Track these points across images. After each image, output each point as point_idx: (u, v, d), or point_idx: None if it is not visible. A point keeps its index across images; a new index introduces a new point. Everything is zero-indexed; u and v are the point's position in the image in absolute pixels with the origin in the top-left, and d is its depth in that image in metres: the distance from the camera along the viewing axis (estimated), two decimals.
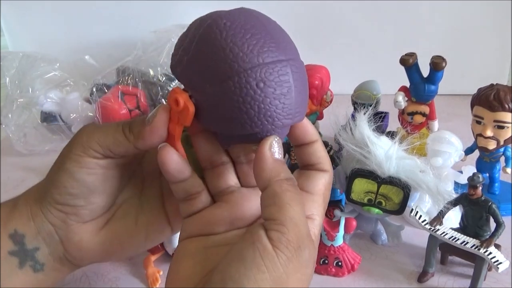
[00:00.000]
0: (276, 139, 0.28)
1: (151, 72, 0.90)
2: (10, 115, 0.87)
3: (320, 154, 0.31)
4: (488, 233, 0.49)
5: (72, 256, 0.34)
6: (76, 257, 0.34)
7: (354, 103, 0.78)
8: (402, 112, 0.73)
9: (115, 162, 0.32)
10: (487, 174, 0.66)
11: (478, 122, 0.61)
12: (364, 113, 0.52)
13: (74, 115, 0.86)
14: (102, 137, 0.31)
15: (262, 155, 0.27)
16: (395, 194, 0.51)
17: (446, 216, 0.51)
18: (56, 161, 0.33)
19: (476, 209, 0.49)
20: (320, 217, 0.29)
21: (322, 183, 0.30)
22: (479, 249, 0.48)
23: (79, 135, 0.32)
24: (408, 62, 0.67)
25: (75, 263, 0.34)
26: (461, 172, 0.62)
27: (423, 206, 0.57)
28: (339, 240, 0.53)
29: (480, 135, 0.61)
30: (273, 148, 0.27)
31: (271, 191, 0.26)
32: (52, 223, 0.32)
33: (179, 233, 0.32)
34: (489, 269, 0.50)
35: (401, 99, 0.71)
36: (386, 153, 0.50)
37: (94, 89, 0.88)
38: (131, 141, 0.30)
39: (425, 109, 0.71)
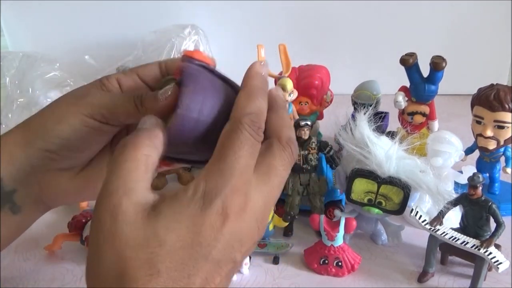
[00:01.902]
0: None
1: None
2: (10, 115, 0.87)
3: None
4: (488, 233, 0.49)
5: (48, 198, 0.35)
6: (51, 199, 0.35)
7: (354, 103, 0.78)
8: (402, 112, 0.73)
9: (111, 128, 0.34)
10: (487, 174, 0.66)
11: (478, 122, 0.61)
12: (364, 113, 0.52)
13: None
14: (111, 105, 0.32)
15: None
16: (395, 194, 0.51)
17: (446, 216, 0.51)
18: (52, 108, 0.33)
19: (476, 209, 0.49)
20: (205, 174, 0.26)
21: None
22: (479, 249, 0.48)
23: (88, 95, 0.33)
24: (408, 62, 0.67)
25: (49, 204, 0.36)
26: (461, 172, 0.62)
27: (423, 206, 0.57)
28: (339, 240, 0.53)
29: (480, 135, 0.61)
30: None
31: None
32: (32, 167, 0.33)
33: None
34: (489, 269, 0.50)
35: (401, 99, 0.71)
36: (386, 153, 0.50)
37: None
38: (142, 113, 0.30)
39: (425, 109, 0.71)
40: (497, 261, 0.46)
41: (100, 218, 0.23)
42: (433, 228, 0.51)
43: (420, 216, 0.52)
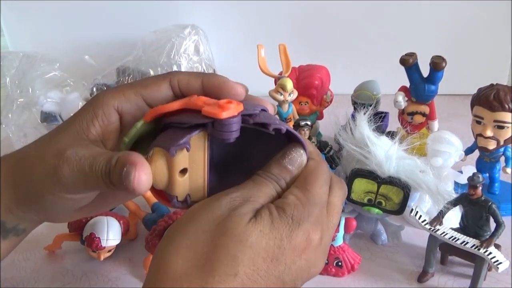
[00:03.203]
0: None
1: (151, 72, 0.90)
2: (10, 115, 0.87)
3: None
4: (488, 233, 0.49)
5: (53, 221, 0.34)
6: (57, 221, 0.35)
7: (354, 103, 0.78)
8: (402, 112, 0.73)
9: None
10: (487, 174, 0.66)
11: (478, 122, 0.61)
12: (364, 113, 0.52)
13: None
14: (82, 180, 0.28)
15: None
16: (395, 194, 0.51)
17: (446, 216, 0.51)
18: (30, 180, 0.29)
19: (476, 209, 0.49)
20: (296, 195, 0.27)
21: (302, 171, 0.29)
22: (479, 249, 0.48)
23: (59, 167, 0.28)
24: (408, 62, 0.67)
25: (54, 222, 0.35)
26: (461, 172, 0.62)
27: (423, 206, 0.57)
28: (339, 240, 0.53)
29: (480, 135, 0.61)
30: None
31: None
32: (34, 213, 0.32)
33: None
34: (489, 269, 0.50)
35: (401, 99, 0.71)
36: (386, 153, 0.50)
37: (94, 89, 0.88)
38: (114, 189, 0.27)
39: (425, 109, 0.71)
40: (497, 261, 0.46)
41: (214, 211, 0.25)
42: (433, 228, 0.51)
43: (420, 216, 0.52)
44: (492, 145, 0.61)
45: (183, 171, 0.27)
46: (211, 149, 0.28)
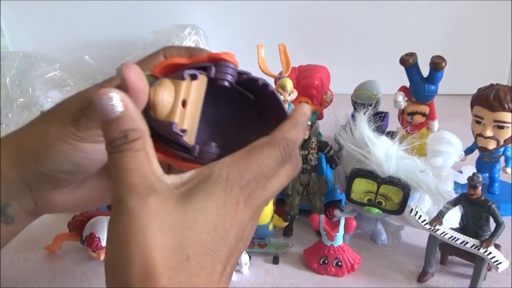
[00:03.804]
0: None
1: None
2: (10, 115, 0.87)
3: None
4: (488, 233, 0.49)
5: (43, 210, 0.34)
6: (47, 210, 0.34)
7: (354, 103, 0.78)
8: (402, 112, 0.73)
9: None
10: (487, 174, 0.66)
11: (478, 122, 0.61)
12: (364, 113, 0.52)
13: None
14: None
15: None
16: (395, 194, 0.51)
17: (446, 216, 0.51)
18: (43, 127, 0.31)
19: (476, 209, 0.49)
20: (234, 160, 0.27)
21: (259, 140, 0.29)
22: (479, 249, 0.48)
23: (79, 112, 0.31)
24: (408, 62, 0.67)
25: (45, 213, 0.35)
26: (461, 172, 0.62)
27: (423, 206, 0.57)
28: (339, 240, 0.53)
29: (480, 135, 0.61)
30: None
31: None
32: (26, 184, 0.32)
33: None
34: (489, 269, 0.50)
35: (401, 99, 0.71)
36: (386, 153, 0.50)
37: None
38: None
39: (425, 109, 0.71)
40: (497, 261, 0.46)
41: (125, 218, 0.23)
42: (433, 228, 0.51)
43: (420, 216, 0.52)
44: (492, 145, 0.61)
45: (183, 104, 0.28)
46: (206, 103, 0.29)
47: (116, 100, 0.24)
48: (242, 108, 0.32)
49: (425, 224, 0.51)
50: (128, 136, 0.24)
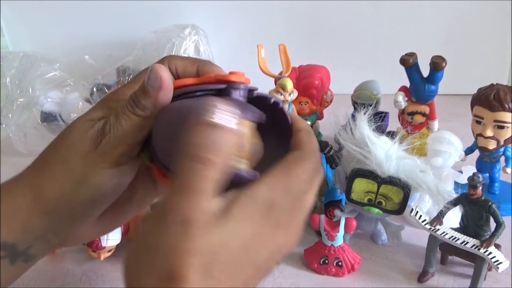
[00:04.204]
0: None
1: None
2: (10, 115, 0.87)
3: (298, 139, 0.30)
4: (488, 233, 0.49)
5: (65, 245, 0.35)
6: (69, 245, 0.35)
7: (354, 103, 0.78)
8: (402, 112, 0.73)
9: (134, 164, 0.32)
10: (487, 174, 0.66)
11: (478, 122, 0.61)
12: (364, 113, 0.52)
13: (74, 115, 0.86)
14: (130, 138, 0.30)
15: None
16: (395, 194, 0.51)
17: (446, 216, 0.51)
18: (66, 161, 0.30)
19: (476, 209, 0.49)
20: (274, 180, 0.26)
21: (290, 155, 0.28)
22: (479, 249, 0.48)
23: (103, 135, 0.30)
24: (408, 62, 0.67)
25: (67, 246, 0.36)
26: (461, 172, 0.62)
27: (423, 206, 0.57)
28: (339, 240, 0.53)
29: (480, 135, 0.61)
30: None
31: None
32: (53, 230, 0.32)
33: None
34: (489, 269, 0.50)
35: (401, 99, 0.71)
36: (386, 153, 0.50)
37: (94, 89, 0.88)
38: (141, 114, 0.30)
39: (425, 109, 0.71)
40: (497, 261, 0.46)
41: (165, 228, 0.23)
42: (433, 228, 0.51)
43: (420, 216, 0.52)
44: (492, 145, 0.61)
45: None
46: None
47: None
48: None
49: (425, 224, 0.51)
50: (211, 153, 0.24)
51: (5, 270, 0.31)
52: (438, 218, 0.51)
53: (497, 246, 0.49)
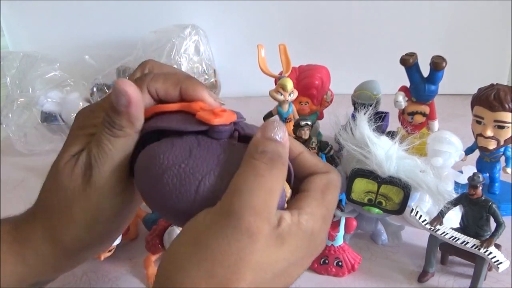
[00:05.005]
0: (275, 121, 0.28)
1: None
2: (10, 115, 0.87)
3: (311, 162, 0.30)
4: (488, 233, 0.49)
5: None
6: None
7: (354, 103, 0.78)
8: (402, 112, 0.73)
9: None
10: (487, 174, 0.66)
11: (478, 122, 0.61)
12: (365, 113, 0.52)
13: (74, 115, 0.86)
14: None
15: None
16: (395, 194, 0.51)
17: (446, 216, 0.51)
18: (71, 198, 0.30)
19: (476, 209, 0.49)
20: (315, 209, 0.27)
21: (319, 181, 0.29)
22: (479, 249, 0.48)
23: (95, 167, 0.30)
24: (408, 62, 0.67)
25: None
26: (461, 172, 0.62)
27: (423, 206, 0.57)
28: (339, 240, 0.53)
29: (480, 135, 0.61)
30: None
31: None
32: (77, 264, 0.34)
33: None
34: (489, 269, 0.50)
35: (401, 99, 0.71)
36: (387, 153, 0.50)
37: (94, 89, 0.88)
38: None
39: (425, 109, 0.71)
40: (497, 261, 0.46)
41: (231, 243, 0.24)
42: (433, 228, 0.51)
43: (420, 216, 0.52)
44: (492, 145, 0.61)
45: None
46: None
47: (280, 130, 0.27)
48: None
49: (425, 224, 0.51)
50: (281, 156, 0.26)
51: None
52: (438, 218, 0.51)
53: (497, 246, 0.49)
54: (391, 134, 0.58)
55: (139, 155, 0.28)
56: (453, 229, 0.51)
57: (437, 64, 0.65)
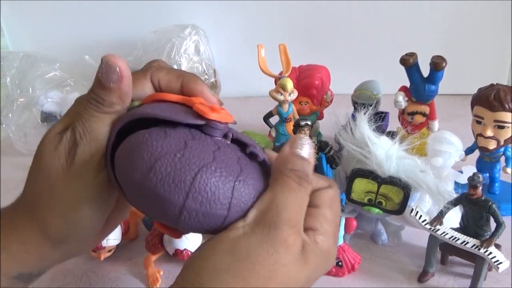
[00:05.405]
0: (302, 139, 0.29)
1: None
2: (10, 115, 0.87)
3: (315, 179, 0.31)
4: (488, 233, 0.49)
5: (76, 256, 0.35)
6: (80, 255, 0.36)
7: (355, 103, 0.78)
8: (402, 112, 0.73)
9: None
10: (487, 174, 0.66)
11: (478, 122, 0.61)
12: (365, 113, 0.52)
13: None
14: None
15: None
16: (395, 194, 0.51)
17: (446, 216, 0.51)
18: (58, 188, 0.29)
19: (476, 209, 0.49)
20: (327, 228, 0.28)
21: (325, 197, 0.30)
22: (479, 249, 0.48)
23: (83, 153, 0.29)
24: (408, 62, 0.67)
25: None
26: (461, 172, 0.62)
27: (423, 206, 0.57)
28: (339, 240, 0.53)
29: (480, 135, 0.61)
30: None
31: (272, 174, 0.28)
32: (65, 254, 0.32)
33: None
34: (489, 269, 0.50)
35: (401, 99, 0.71)
36: (387, 153, 0.50)
37: None
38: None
39: (425, 109, 0.71)
40: (497, 261, 0.46)
41: (269, 255, 0.25)
42: (433, 228, 0.51)
43: (420, 216, 0.52)
44: (492, 145, 0.61)
45: None
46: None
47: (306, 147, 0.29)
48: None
49: (425, 224, 0.51)
50: (308, 175, 0.28)
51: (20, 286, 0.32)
52: (438, 218, 0.51)
53: (497, 246, 0.49)
54: (391, 134, 0.59)
55: (123, 141, 0.27)
56: (453, 229, 0.51)
57: (437, 64, 0.65)
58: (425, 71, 0.68)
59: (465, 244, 0.49)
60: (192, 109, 0.28)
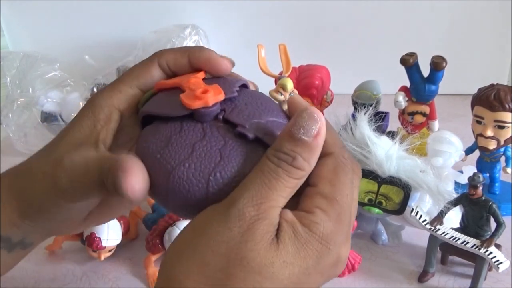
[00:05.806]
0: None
1: None
2: (10, 115, 0.87)
3: None
4: (489, 233, 0.49)
5: (61, 234, 0.36)
6: (64, 233, 0.36)
7: (355, 103, 0.78)
8: (402, 112, 0.73)
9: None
10: (488, 174, 0.66)
11: (479, 122, 0.61)
12: (365, 113, 0.52)
13: (74, 115, 0.86)
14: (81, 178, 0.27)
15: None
16: (396, 194, 0.51)
17: (446, 216, 0.51)
18: (34, 178, 0.29)
19: (477, 209, 0.49)
20: (326, 208, 0.24)
21: (322, 170, 0.25)
22: (479, 249, 0.48)
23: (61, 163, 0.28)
24: (409, 62, 0.67)
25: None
26: (462, 172, 0.62)
27: (423, 206, 0.57)
28: None
29: (481, 135, 0.61)
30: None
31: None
32: (42, 227, 0.32)
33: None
34: (490, 269, 0.50)
35: (402, 99, 0.71)
36: (387, 153, 0.50)
37: (94, 89, 0.88)
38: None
39: (425, 109, 0.71)
40: (498, 261, 0.46)
41: (224, 230, 0.22)
42: (433, 228, 0.51)
43: (421, 216, 0.52)
44: (492, 145, 0.61)
45: None
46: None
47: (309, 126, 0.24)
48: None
49: (425, 224, 0.51)
50: (296, 159, 0.24)
51: (4, 258, 0.31)
52: (439, 218, 0.51)
53: (498, 246, 0.49)
54: (391, 134, 0.58)
55: None
56: (453, 229, 0.51)
57: (437, 64, 0.65)
58: (425, 71, 0.68)
59: (465, 244, 0.49)
60: None
